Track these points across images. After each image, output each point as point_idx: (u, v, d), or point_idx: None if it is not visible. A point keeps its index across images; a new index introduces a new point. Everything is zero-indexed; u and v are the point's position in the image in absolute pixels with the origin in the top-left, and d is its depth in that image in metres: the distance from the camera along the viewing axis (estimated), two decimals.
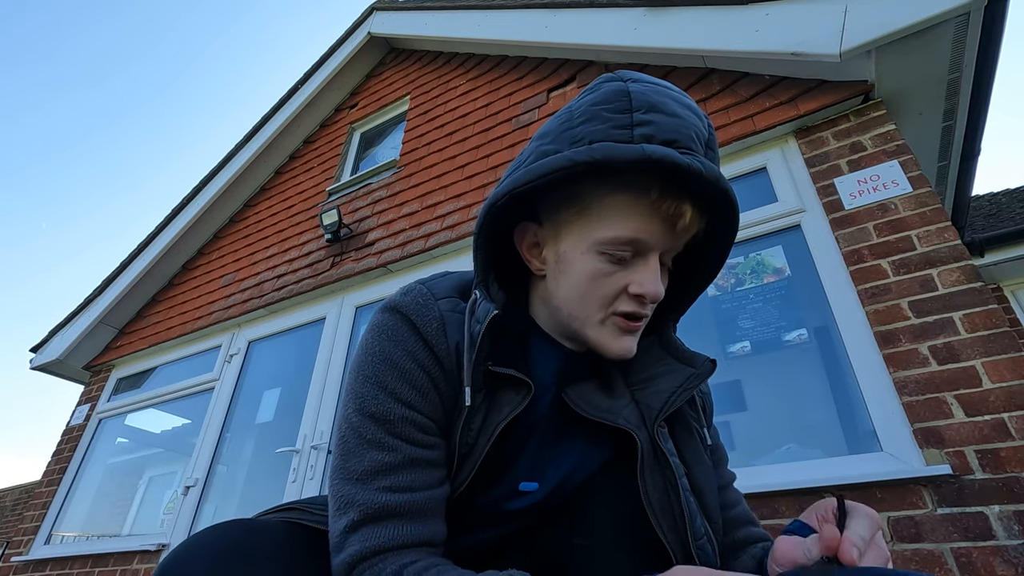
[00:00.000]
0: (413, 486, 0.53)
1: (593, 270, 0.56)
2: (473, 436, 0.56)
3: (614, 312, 0.57)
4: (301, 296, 3.13)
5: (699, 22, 2.25)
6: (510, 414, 0.57)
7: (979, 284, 1.53)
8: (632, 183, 0.53)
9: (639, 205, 0.53)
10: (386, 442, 0.53)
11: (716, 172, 0.52)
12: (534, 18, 2.90)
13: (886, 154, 1.83)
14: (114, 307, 3.93)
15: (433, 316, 0.58)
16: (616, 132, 0.52)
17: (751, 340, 1.88)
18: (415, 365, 0.56)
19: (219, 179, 4.09)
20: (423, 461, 0.55)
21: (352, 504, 0.52)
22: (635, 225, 0.54)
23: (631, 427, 0.58)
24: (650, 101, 0.53)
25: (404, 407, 0.55)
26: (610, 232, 0.54)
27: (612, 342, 0.57)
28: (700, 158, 0.51)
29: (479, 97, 3.18)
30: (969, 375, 1.44)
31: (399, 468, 0.53)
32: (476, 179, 2.81)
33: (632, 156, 0.49)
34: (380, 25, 3.92)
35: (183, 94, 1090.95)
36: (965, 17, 1.71)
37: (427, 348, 0.57)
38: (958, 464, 1.36)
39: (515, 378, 0.58)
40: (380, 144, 3.91)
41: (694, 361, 0.63)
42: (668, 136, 0.51)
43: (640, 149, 0.49)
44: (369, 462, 0.53)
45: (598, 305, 0.57)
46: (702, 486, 0.60)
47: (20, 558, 3.34)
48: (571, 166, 0.51)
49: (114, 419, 3.76)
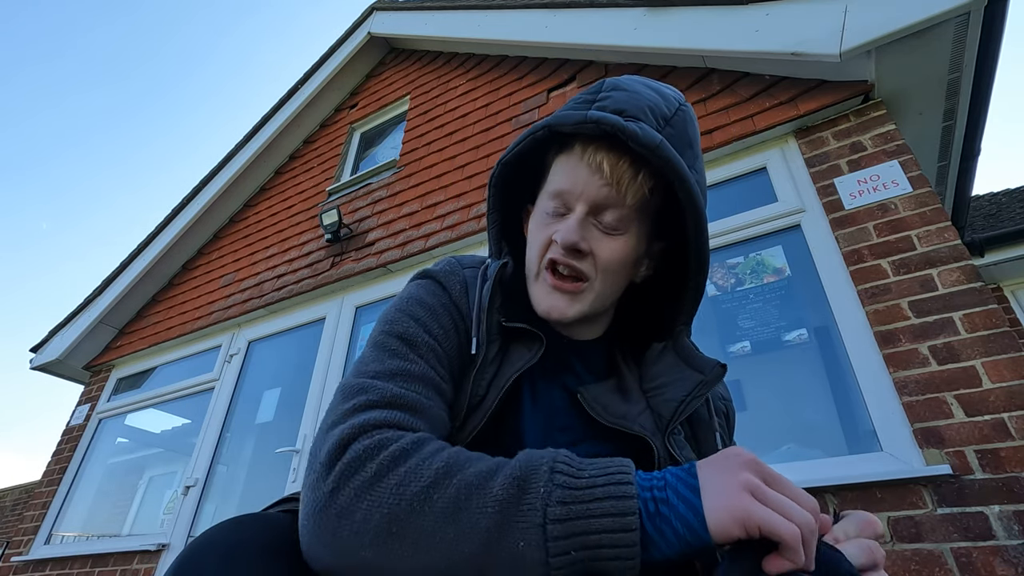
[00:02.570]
0: (428, 396, 0.53)
1: (537, 224, 0.63)
2: (484, 388, 0.57)
3: (545, 266, 0.61)
4: (301, 296, 3.13)
5: (699, 22, 2.25)
6: (522, 367, 0.58)
7: (979, 284, 1.53)
8: (571, 147, 0.60)
9: (570, 161, 0.60)
10: (409, 356, 0.55)
11: (655, 138, 0.54)
12: (534, 18, 2.90)
13: (886, 154, 1.83)
14: (114, 307, 3.93)
15: (458, 279, 0.64)
16: (576, 107, 0.59)
17: (751, 340, 1.88)
18: (444, 309, 0.61)
19: (219, 179, 4.09)
20: (438, 387, 0.55)
21: (365, 390, 0.51)
22: (563, 178, 0.60)
23: (647, 434, 0.58)
24: (617, 83, 0.60)
25: (430, 337, 0.58)
26: (549, 188, 0.62)
27: (542, 298, 0.61)
28: (642, 124, 0.55)
29: (479, 97, 3.18)
30: (969, 375, 1.44)
31: (417, 379, 0.53)
32: (476, 179, 2.81)
33: (575, 119, 0.56)
34: (380, 25, 3.92)
35: (183, 95, 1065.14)
36: (965, 17, 1.71)
37: (452, 303, 0.62)
38: (958, 464, 1.36)
39: (527, 333, 0.60)
40: (380, 144, 3.91)
41: (704, 367, 0.63)
42: (619, 107, 0.57)
43: (583, 114, 0.56)
44: (389, 365, 0.54)
45: (537, 256, 0.62)
46: None
47: (20, 558, 3.34)
48: (532, 132, 0.60)
49: (114, 419, 3.76)
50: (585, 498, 0.39)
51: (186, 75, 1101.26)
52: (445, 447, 0.46)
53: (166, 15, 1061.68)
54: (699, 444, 0.64)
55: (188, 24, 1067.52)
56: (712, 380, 0.62)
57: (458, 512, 0.39)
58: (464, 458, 0.44)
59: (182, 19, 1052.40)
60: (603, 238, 0.59)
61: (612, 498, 0.39)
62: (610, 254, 0.59)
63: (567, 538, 0.38)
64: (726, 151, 2.16)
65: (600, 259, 0.59)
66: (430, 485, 0.41)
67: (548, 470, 0.41)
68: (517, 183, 0.68)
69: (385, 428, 0.47)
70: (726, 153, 2.17)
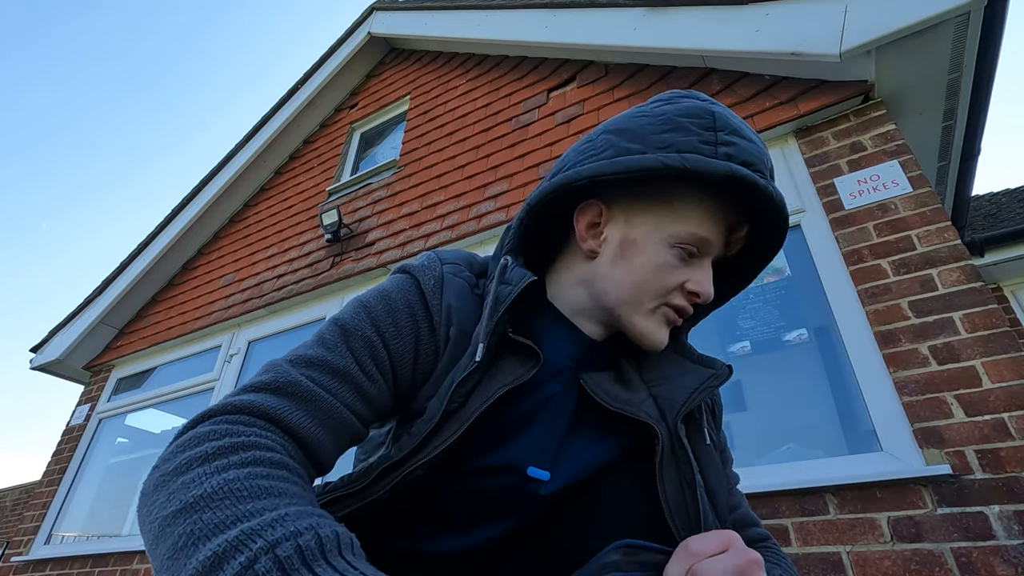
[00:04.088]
0: (332, 390, 0.52)
1: (662, 261, 0.59)
2: (462, 396, 0.55)
3: (667, 303, 0.61)
4: (301, 296, 3.13)
5: (699, 22, 2.25)
6: (513, 382, 0.56)
7: (979, 284, 1.53)
8: (711, 191, 0.59)
9: (715, 211, 0.59)
10: (336, 347, 0.55)
11: (782, 198, 0.58)
12: (534, 18, 2.90)
13: (886, 154, 1.83)
14: (114, 307, 3.93)
15: (433, 274, 0.61)
16: (702, 146, 0.56)
17: (751, 340, 1.88)
18: (407, 308, 0.59)
19: (219, 179, 4.10)
20: (355, 383, 0.54)
21: (270, 370, 0.52)
22: (708, 228, 0.59)
23: (652, 420, 0.58)
24: (732, 125, 0.59)
25: (373, 331, 0.57)
26: (688, 229, 0.59)
27: (655, 332, 0.61)
28: (772, 184, 0.58)
29: (479, 97, 3.18)
30: (969, 375, 1.44)
31: (330, 371, 0.53)
32: (476, 179, 2.81)
33: (721, 171, 0.54)
34: (380, 25, 3.92)
35: (183, 95, 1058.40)
36: (965, 17, 1.71)
37: (423, 301, 0.60)
38: (958, 464, 1.36)
39: (523, 348, 0.58)
40: (380, 144, 3.91)
41: (713, 364, 0.64)
42: (747, 158, 0.56)
43: (728, 166, 0.55)
44: (310, 353, 0.54)
45: (655, 294, 0.60)
46: (713, 487, 0.60)
47: (20, 558, 3.35)
48: (662, 168, 0.55)
49: (114, 419, 3.76)
50: None
51: (187, 75, 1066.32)
52: (248, 463, 0.41)
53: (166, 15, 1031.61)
54: (689, 440, 0.62)
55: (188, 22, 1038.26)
56: (723, 375, 0.62)
57: (173, 560, 0.35)
58: (231, 491, 0.38)
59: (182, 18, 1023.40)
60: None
61: None
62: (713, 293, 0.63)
63: None
64: None
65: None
66: (176, 512, 0.38)
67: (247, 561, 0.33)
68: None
69: (245, 415, 0.46)
70: None
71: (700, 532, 0.53)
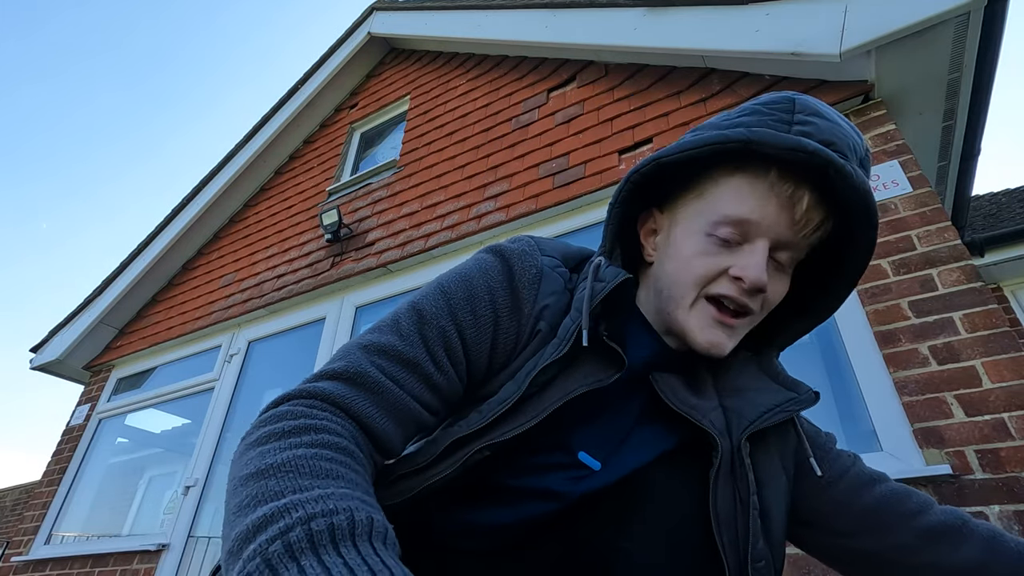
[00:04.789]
0: (401, 381, 0.52)
1: (698, 248, 0.56)
2: (539, 385, 0.54)
3: (707, 295, 0.55)
4: (301, 296, 3.13)
5: (699, 22, 2.25)
6: (594, 384, 0.54)
7: (979, 284, 1.53)
8: (751, 166, 0.53)
9: (756, 186, 0.53)
10: (409, 335, 0.54)
11: (866, 182, 0.51)
12: (534, 18, 2.90)
13: (886, 154, 1.83)
14: (114, 307, 3.93)
15: (533, 264, 0.58)
16: (775, 124, 0.53)
17: None
18: (487, 296, 0.57)
19: (219, 179, 4.10)
20: (425, 373, 0.54)
21: (343, 356, 0.53)
22: (748, 206, 0.53)
23: (715, 430, 0.56)
24: (814, 107, 0.54)
25: (449, 320, 0.55)
26: (721, 211, 0.54)
27: (699, 330, 0.56)
28: (853, 164, 0.51)
29: (479, 97, 3.18)
30: (969, 375, 1.44)
31: (401, 361, 0.53)
32: (476, 179, 2.81)
33: (788, 144, 0.50)
34: (380, 25, 3.92)
35: (182, 95, 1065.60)
36: (965, 17, 1.71)
37: (512, 290, 0.57)
38: (958, 464, 1.36)
39: (610, 352, 0.56)
40: (380, 144, 3.91)
41: (797, 388, 0.60)
42: (826, 138, 0.51)
43: (797, 139, 0.50)
44: (384, 340, 0.54)
45: (693, 283, 0.56)
46: (770, 508, 0.56)
47: (20, 558, 3.35)
48: (724, 141, 0.52)
49: (114, 419, 3.76)
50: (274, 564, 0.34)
51: (188, 75, 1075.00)
52: (318, 443, 0.44)
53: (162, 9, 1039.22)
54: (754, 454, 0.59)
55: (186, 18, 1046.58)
56: (806, 400, 0.58)
57: (236, 517, 0.39)
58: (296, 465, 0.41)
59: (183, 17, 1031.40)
60: (774, 276, 0.55)
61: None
62: (777, 296, 0.56)
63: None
64: None
65: (768, 299, 0.56)
66: (249, 476, 0.41)
67: (284, 527, 0.35)
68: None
69: (319, 401, 0.48)
70: None
71: (747, 552, 0.52)
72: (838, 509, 0.62)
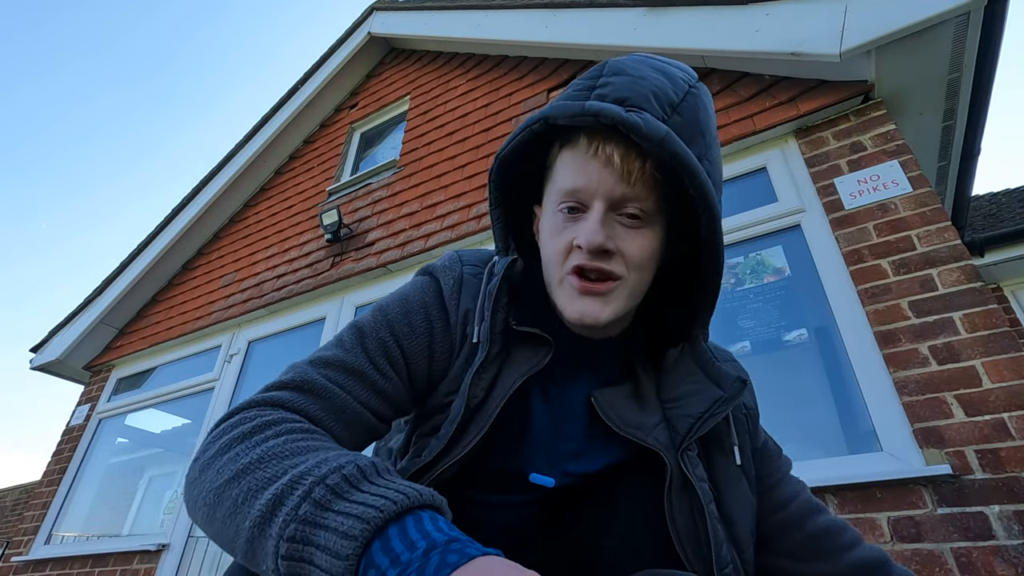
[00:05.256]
0: (347, 388, 0.54)
1: (554, 227, 0.58)
2: (482, 390, 0.56)
3: (569, 271, 0.56)
4: (301, 296, 3.13)
5: (699, 22, 2.25)
6: (529, 371, 0.57)
7: (979, 284, 1.53)
8: (571, 139, 0.56)
9: (576, 156, 0.55)
10: (352, 348, 0.57)
11: (660, 130, 0.49)
12: (534, 18, 2.90)
13: (886, 154, 1.83)
14: (114, 307, 3.93)
15: (454, 275, 0.62)
16: (574, 95, 0.55)
17: (751, 340, 1.88)
18: (421, 308, 0.61)
19: (219, 179, 4.09)
20: (368, 380, 0.56)
21: (291, 370, 0.55)
22: (575, 175, 0.55)
23: (660, 448, 0.57)
24: (620, 67, 0.56)
25: (388, 332, 0.58)
26: (559, 187, 0.57)
27: (568, 304, 0.56)
28: (646, 115, 0.50)
29: (479, 97, 3.18)
30: (969, 375, 1.44)
31: (345, 370, 0.55)
32: (476, 179, 2.81)
33: (573, 111, 0.52)
34: (380, 25, 3.92)
35: (181, 95, 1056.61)
36: (965, 17, 1.71)
37: (440, 300, 0.61)
38: (958, 464, 1.36)
39: (534, 337, 0.58)
40: (380, 144, 3.91)
41: (723, 381, 0.60)
42: (620, 95, 0.52)
43: (580, 105, 0.52)
44: (328, 354, 0.57)
45: (556, 261, 0.57)
46: (732, 513, 0.58)
47: (20, 558, 3.34)
48: (528, 124, 0.56)
49: (114, 419, 3.76)
50: (319, 524, 0.37)
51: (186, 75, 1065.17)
52: (283, 433, 0.46)
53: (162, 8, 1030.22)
54: (710, 463, 0.61)
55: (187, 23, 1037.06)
56: (731, 398, 0.59)
57: (234, 516, 0.41)
58: (274, 453, 0.43)
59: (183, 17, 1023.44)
60: (629, 233, 0.55)
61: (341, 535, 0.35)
62: (639, 250, 0.55)
63: (290, 559, 0.37)
64: (726, 151, 2.15)
65: (629, 256, 0.54)
66: (230, 479, 0.42)
67: (303, 493, 0.38)
68: (523, 179, 0.63)
69: (268, 407, 0.50)
70: (726, 153, 2.17)
71: (712, 561, 0.53)
72: (785, 532, 0.64)
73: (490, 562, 0.34)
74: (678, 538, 0.54)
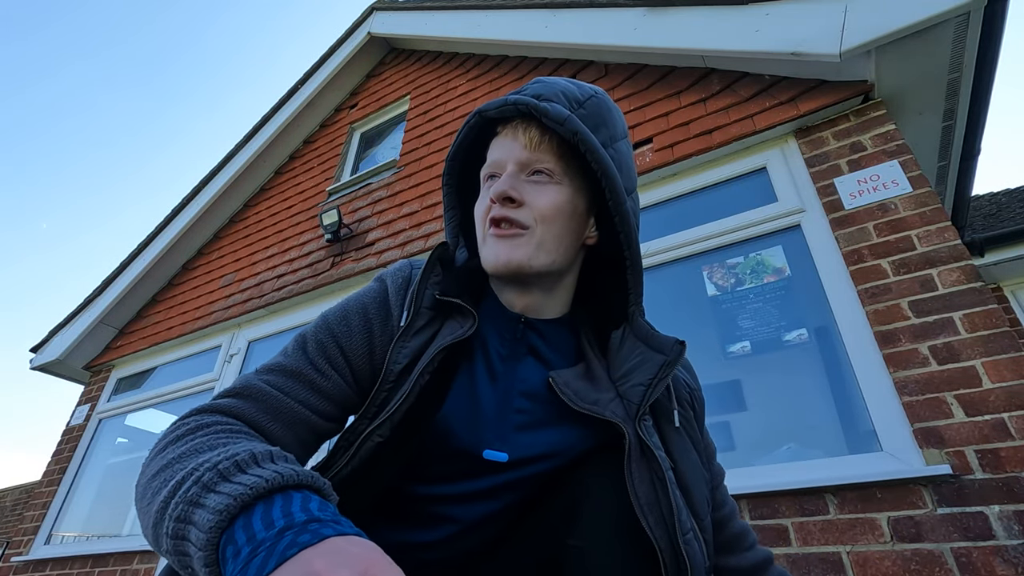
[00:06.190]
0: (285, 390, 0.58)
1: (480, 199, 0.68)
2: (404, 357, 0.60)
3: (488, 225, 0.64)
4: (301, 296, 3.13)
5: (699, 22, 2.25)
6: (453, 339, 0.60)
7: (979, 284, 1.53)
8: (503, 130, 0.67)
9: (499, 139, 0.67)
10: (292, 353, 0.61)
11: (563, 112, 0.61)
12: (534, 18, 2.90)
13: (886, 154, 1.83)
14: (114, 307, 3.93)
15: (403, 275, 0.67)
16: (509, 96, 0.66)
17: (751, 340, 1.88)
18: (359, 308, 0.64)
19: (219, 179, 4.09)
20: (308, 380, 0.59)
21: (237, 381, 0.59)
22: (495, 152, 0.67)
23: (618, 419, 0.59)
24: (539, 79, 0.68)
25: (326, 334, 0.62)
26: (485, 166, 0.68)
27: (488, 254, 0.64)
28: (554, 104, 0.62)
29: (479, 97, 3.18)
30: (969, 375, 1.44)
31: (285, 373, 0.59)
32: None
33: (497, 103, 0.64)
34: (380, 25, 3.92)
35: (184, 96, 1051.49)
36: (965, 17, 1.71)
37: (383, 299, 0.65)
38: (958, 464, 1.36)
39: (460, 309, 0.63)
40: (380, 144, 3.91)
41: (664, 347, 0.65)
42: (536, 92, 0.65)
43: (504, 98, 0.64)
44: (271, 362, 0.61)
45: (481, 224, 0.66)
46: (688, 482, 0.61)
47: (20, 558, 3.34)
48: (467, 122, 0.68)
49: (114, 419, 3.76)
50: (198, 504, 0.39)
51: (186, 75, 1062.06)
52: (210, 434, 0.49)
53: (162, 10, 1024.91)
54: (662, 436, 0.64)
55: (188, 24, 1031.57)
56: (674, 359, 0.63)
57: (150, 508, 0.43)
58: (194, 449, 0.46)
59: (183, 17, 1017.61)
60: (536, 188, 0.63)
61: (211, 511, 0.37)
62: (546, 202, 0.63)
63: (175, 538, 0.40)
64: (726, 151, 2.16)
65: (536, 207, 0.62)
66: (152, 476, 0.46)
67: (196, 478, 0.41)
68: (474, 181, 0.72)
69: (207, 412, 0.53)
70: (726, 153, 2.17)
71: (675, 528, 0.55)
72: (717, 528, 0.70)
73: (343, 542, 0.34)
74: (640, 508, 0.55)
